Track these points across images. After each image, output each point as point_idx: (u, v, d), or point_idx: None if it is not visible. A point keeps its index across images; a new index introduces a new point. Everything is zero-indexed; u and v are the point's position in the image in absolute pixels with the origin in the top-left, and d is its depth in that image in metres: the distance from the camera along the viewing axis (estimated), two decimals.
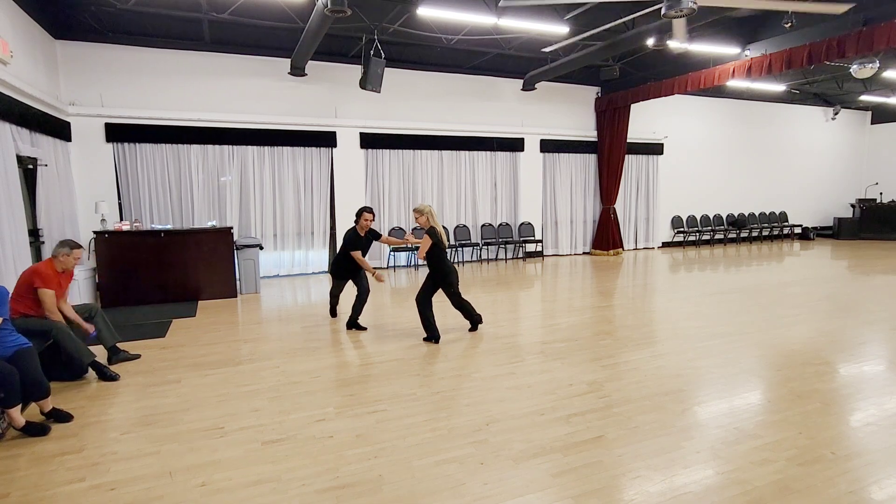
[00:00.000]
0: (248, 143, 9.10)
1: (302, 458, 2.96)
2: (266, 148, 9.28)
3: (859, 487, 2.61)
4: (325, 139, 9.61)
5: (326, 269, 10.02)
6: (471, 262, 11.11)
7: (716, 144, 13.81)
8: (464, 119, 10.73)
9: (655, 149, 12.81)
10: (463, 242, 10.77)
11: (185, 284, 7.46)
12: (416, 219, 5.23)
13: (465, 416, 3.50)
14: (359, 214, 5.59)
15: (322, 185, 9.75)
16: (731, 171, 14.14)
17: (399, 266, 10.59)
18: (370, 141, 9.97)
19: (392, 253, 10.34)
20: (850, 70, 8.91)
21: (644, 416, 3.44)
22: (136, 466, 2.91)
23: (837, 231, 15.02)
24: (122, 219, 8.31)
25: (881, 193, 15.32)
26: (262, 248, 8.19)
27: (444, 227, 5.41)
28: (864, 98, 13.82)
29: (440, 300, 5.51)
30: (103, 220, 7.49)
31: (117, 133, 8.27)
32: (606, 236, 12.05)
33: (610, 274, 9.62)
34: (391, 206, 10.37)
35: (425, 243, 5.13)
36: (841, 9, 5.66)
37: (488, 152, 11.10)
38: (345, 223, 9.92)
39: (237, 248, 7.89)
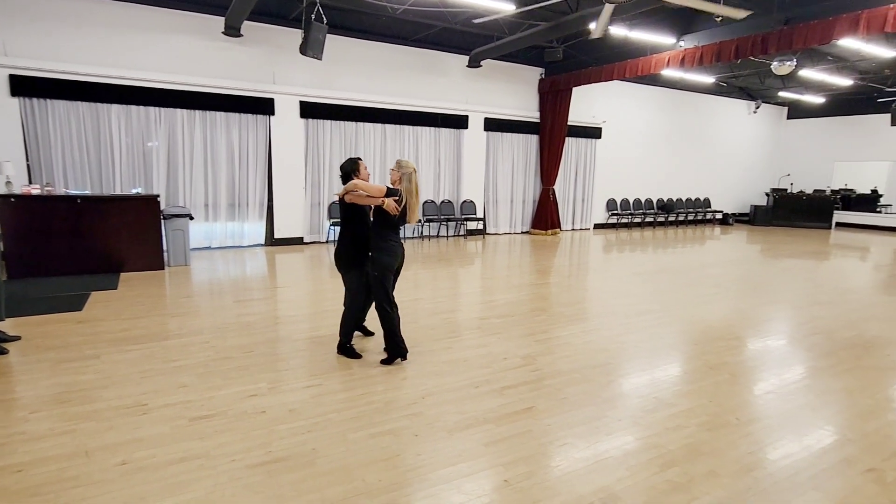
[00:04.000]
0: (177, 106, 8.51)
1: (232, 434, 2.89)
2: (197, 112, 8.72)
3: (758, 448, 2.88)
4: (262, 106, 9.16)
5: (263, 242, 9.68)
6: (412, 238, 11.08)
7: (650, 131, 14.41)
8: (408, 93, 10.55)
9: (594, 133, 13.20)
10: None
11: (106, 255, 6.97)
12: (391, 174, 3.93)
13: (402, 389, 3.53)
14: (355, 167, 3.99)
15: (259, 155, 9.33)
16: (663, 158, 14.84)
17: None
18: (311, 110, 9.61)
19: (332, 226, 10.13)
20: (772, 66, 9.51)
21: (573, 387, 3.61)
22: (48, 447, 2.73)
23: (753, 218, 16.19)
24: (30, 182, 7.59)
25: (792, 184, 16.63)
26: (192, 218, 7.77)
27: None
28: (782, 94, 14.83)
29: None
30: (8, 182, 6.81)
31: (24, 86, 7.48)
32: (545, 216, 12.37)
33: (547, 253, 9.92)
34: (332, 179, 10.11)
35: (375, 188, 3.79)
36: (740, 14, 6.11)
37: (432, 128, 11.01)
38: (283, 194, 9.59)
39: (165, 218, 7.44)
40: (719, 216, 16.11)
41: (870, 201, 16.06)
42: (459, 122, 11.23)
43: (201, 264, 7.87)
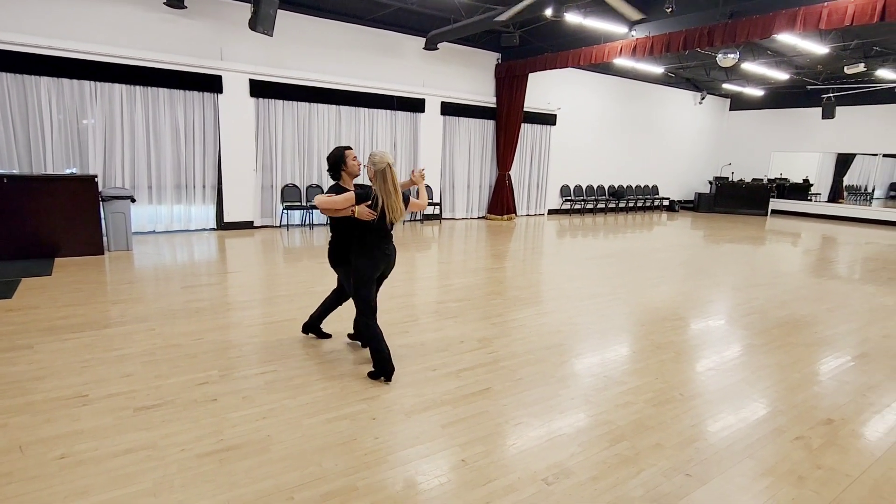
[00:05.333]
0: (115, 81, 7.99)
1: (181, 423, 2.79)
2: (138, 88, 8.23)
3: (699, 421, 3.05)
4: (209, 83, 8.74)
5: (212, 226, 9.32)
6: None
7: (602, 119, 14.74)
8: (364, 74, 10.33)
9: (549, 119, 13.37)
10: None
11: (38, 239, 6.52)
12: (367, 170, 3.41)
13: (358, 374, 3.50)
14: (341, 159, 3.61)
15: (206, 135, 8.93)
16: (614, 146, 15.23)
17: (293, 225, 10.14)
18: (261, 89, 9.25)
19: (285, 210, 9.85)
20: (717, 58, 9.89)
21: (527, 368, 3.70)
22: None
23: (697, 205, 16.92)
24: None
25: (732, 173, 17.45)
26: (133, 200, 7.37)
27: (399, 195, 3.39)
28: (726, 86, 15.48)
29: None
30: None
31: None
32: (501, 202, 12.49)
33: (503, 238, 10.04)
34: (284, 161, 9.81)
35: (338, 201, 3.33)
36: (634, 15, 6.49)
37: (388, 111, 10.85)
38: (233, 177, 9.24)
39: (103, 200, 7.03)
40: (666, 203, 16.75)
41: (802, 190, 17.11)
42: (416, 105, 11.11)
43: (145, 249, 7.50)
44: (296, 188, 9.93)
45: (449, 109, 11.61)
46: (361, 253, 3.39)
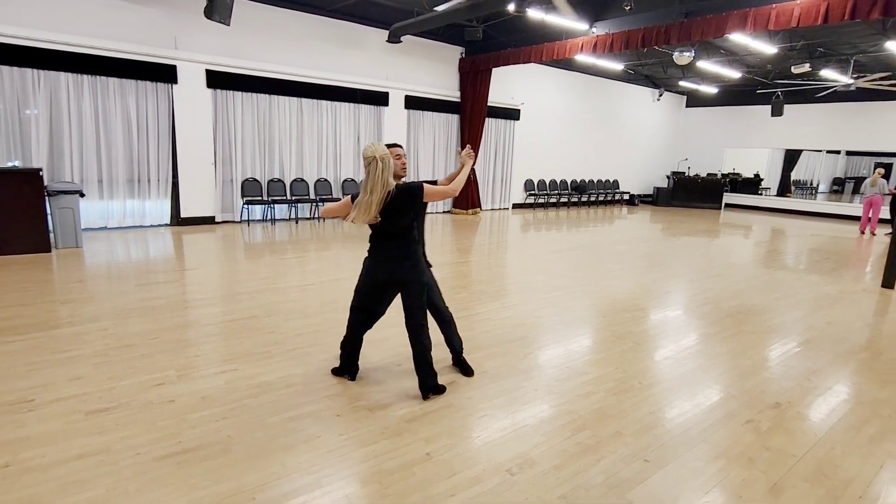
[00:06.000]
0: (59, 69, 7.59)
1: (136, 426, 2.69)
2: (85, 77, 7.84)
3: (657, 409, 3.15)
4: (163, 73, 8.41)
5: (168, 222, 9.00)
6: (332, 217, 10.79)
7: (565, 114, 14.96)
8: (326, 66, 10.15)
9: (513, 114, 13.49)
10: (324, 197, 10.40)
11: None
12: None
13: (323, 370, 3.46)
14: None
15: (161, 127, 8.60)
16: (576, 141, 15.50)
17: (254, 220, 9.90)
18: (219, 80, 8.97)
19: (246, 205, 9.60)
20: (673, 56, 10.18)
21: (492, 361, 3.73)
22: None
23: (656, 199, 17.44)
24: None
25: (689, 168, 18.06)
26: (83, 195, 7.04)
27: (396, 189, 2.91)
28: (682, 83, 15.96)
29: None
30: None
31: None
32: (466, 196, 12.53)
33: (468, 232, 10.09)
34: (244, 154, 9.56)
35: (333, 208, 3.11)
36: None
37: (352, 104, 10.71)
38: (190, 170, 8.95)
39: (49, 195, 6.68)
40: (626, 197, 17.18)
41: (753, 184, 17.87)
42: (380, 98, 11.01)
43: (96, 246, 7.18)
44: (257, 183, 9.70)
45: (413, 103, 11.55)
46: (368, 254, 3.16)
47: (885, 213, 12.04)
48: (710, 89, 16.46)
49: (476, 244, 8.84)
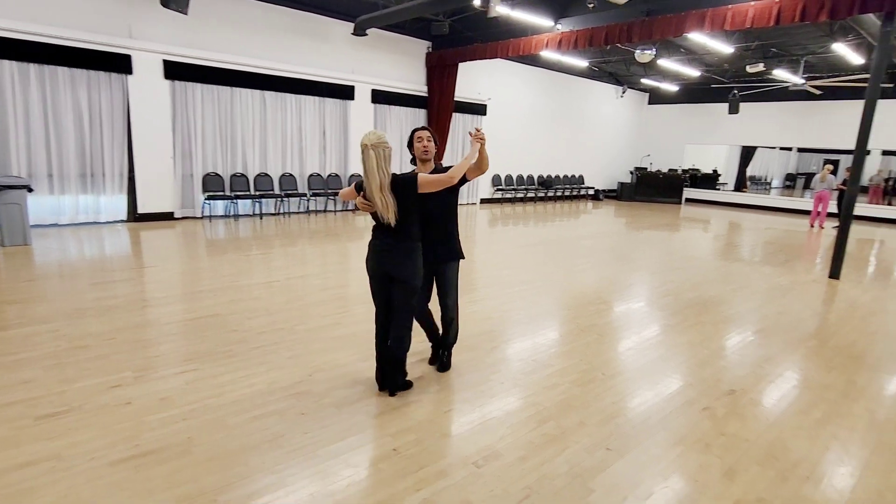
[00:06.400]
0: (2, 57, 7.18)
1: (91, 431, 2.59)
2: (31, 66, 7.44)
3: (619, 398, 3.23)
4: (117, 63, 8.06)
5: (124, 218, 8.66)
6: (298, 213, 10.62)
7: (531, 110, 15.11)
8: (290, 59, 9.94)
9: (480, 109, 13.53)
10: (289, 192, 10.21)
11: None
12: None
13: (287, 368, 3.41)
14: (410, 141, 3.14)
15: (115, 119, 8.24)
16: (543, 136, 15.68)
17: (216, 216, 9.63)
18: (177, 71, 8.66)
19: (207, 201, 9.33)
20: (635, 54, 10.39)
21: (460, 355, 3.75)
22: None
23: (620, 194, 17.82)
24: None
25: (651, 164, 18.51)
26: (31, 190, 6.70)
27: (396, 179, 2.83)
28: (644, 81, 16.34)
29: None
30: None
31: None
32: None
33: None
34: (205, 148, 9.28)
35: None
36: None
37: (317, 98, 10.52)
38: (147, 164, 8.64)
39: None
40: (592, 192, 17.50)
41: (711, 180, 18.46)
42: (346, 92, 10.86)
43: (46, 243, 6.86)
44: (218, 177, 9.44)
45: (380, 97, 11.44)
46: (368, 245, 3.04)
47: (833, 207, 12.65)
48: (671, 87, 16.89)
49: None
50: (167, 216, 9.02)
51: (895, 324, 5.04)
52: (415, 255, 2.92)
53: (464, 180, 2.97)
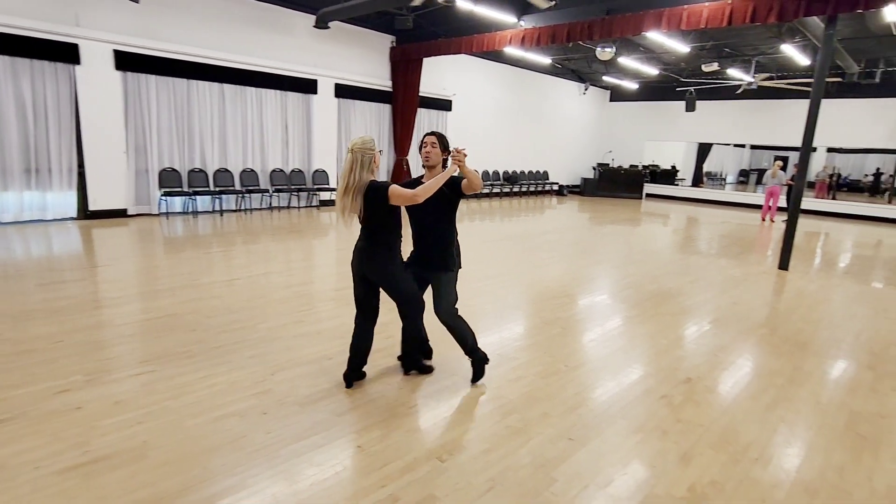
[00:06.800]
0: None
1: (36, 438, 2.47)
2: None
3: (582, 389, 3.30)
4: (63, 52, 7.67)
5: (73, 215, 8.27)
6: (260, 209, 10.38)
7: (496, 106, 15.20)
8: (250, 51, 9.68)
9: (445, 105, 13.52)
10: (251, 188, 9.97)
11: None
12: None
13: (248, 368, 3.34)
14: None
15: (62, 111, 7.85)
16: (507, 132, 15.80)
17: (174, 213, 9.31)
18: (129, 62, 8.31)
19: (163, 197, 9.01)
20: (596, 52, 10.59)
21: None
22: None
23: (583, 189, 18.16)
24: None
25: (613, 159, 18.93)
26: None
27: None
28: (606, 79, 16.66)
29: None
30: None
31: None
32: None
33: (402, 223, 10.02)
34: (161, 142, 8.95)
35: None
36: (544, 4, 6.99)
37: (278, 91, 10.30)
38: (98, 160, 8.27)
39: None
40: (556, 187, 17.76)
41: (670, 175, 19.02)
42: (308, 86, 10.66)
43: None
44: (175, 172, 9.12)
45: (343, 92, 11.29)
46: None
47: (783, 201, 13.23)
48: (632, 85, 17.29)
49: (409, 235, 8.80)
50: (120, 213, 8.67)
51: (839, 312, 5.33)
52: (382, 259, 3.00)
53: (461, 195, 3.13)
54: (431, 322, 3.36)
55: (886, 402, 3.34)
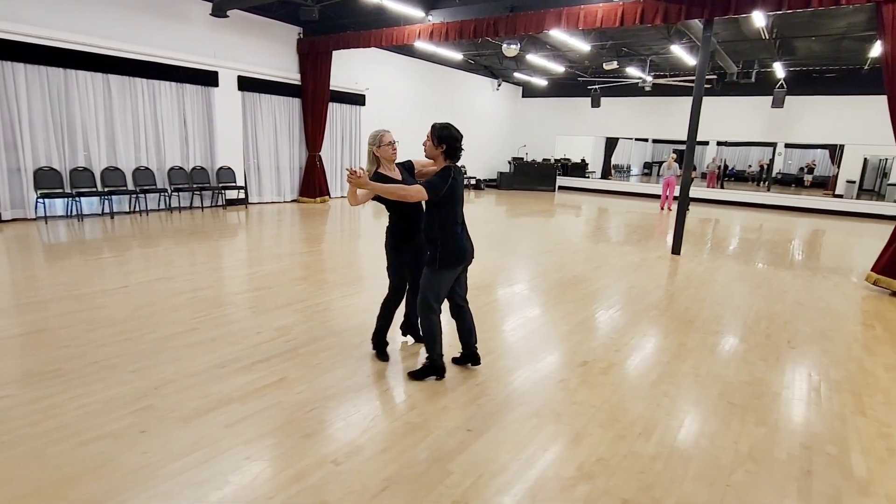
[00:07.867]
0: None
1: None
2: None
3: (484, 380, 3.34)
4: None
5: None
6: (158, 210, 9.64)
7: (410, 101, 15.14)
8: (139, 39, 8.92)
9: (358, 99, 13.26)
10: (146, 188, 9.22)
11: None
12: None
13: (129, 383, 3.07)
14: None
15: None
16: (423, 127, 15.59)
17: (55, 217, 8.40)
18: None
19: (41, 199, 8.11)
20: (502, 48, 10.82)
21: (326, 352, 3.65)
22: None
23: (500, 183, 18.59)
24: None
25: (527, 154, 19.54)
26: None
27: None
28: (517, 75, 17.12)
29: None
30: None
31: None
32: (313, 184, 12.08)
33: (315, 221, 9.75)
34: (35, 139, 8.04)
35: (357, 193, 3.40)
36: None
37: (174, 83, 9.59)
38: None
39: None
40: (473, 182, 18.04)
41: (581, 168, 19.95)
42: (208, 78, 10.02)
43: None
44: (55, 172, 8.24)
45: (248, 85, 10.73)
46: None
47: (679, 191, 14.30)
48: (541, 81, 17.89)
49: (322, 233, 8.57)
50: None
51: (721, 291, 5.82)
52: (386, 239, 3.72)
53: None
54: (325, 325, 3.26)
55: (754, 370, 3.68)
